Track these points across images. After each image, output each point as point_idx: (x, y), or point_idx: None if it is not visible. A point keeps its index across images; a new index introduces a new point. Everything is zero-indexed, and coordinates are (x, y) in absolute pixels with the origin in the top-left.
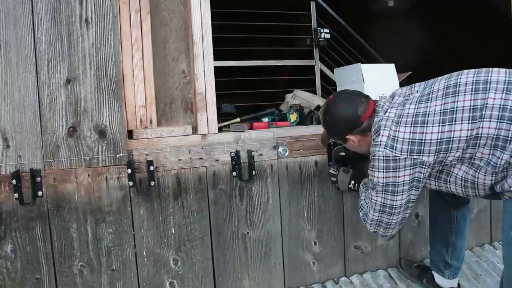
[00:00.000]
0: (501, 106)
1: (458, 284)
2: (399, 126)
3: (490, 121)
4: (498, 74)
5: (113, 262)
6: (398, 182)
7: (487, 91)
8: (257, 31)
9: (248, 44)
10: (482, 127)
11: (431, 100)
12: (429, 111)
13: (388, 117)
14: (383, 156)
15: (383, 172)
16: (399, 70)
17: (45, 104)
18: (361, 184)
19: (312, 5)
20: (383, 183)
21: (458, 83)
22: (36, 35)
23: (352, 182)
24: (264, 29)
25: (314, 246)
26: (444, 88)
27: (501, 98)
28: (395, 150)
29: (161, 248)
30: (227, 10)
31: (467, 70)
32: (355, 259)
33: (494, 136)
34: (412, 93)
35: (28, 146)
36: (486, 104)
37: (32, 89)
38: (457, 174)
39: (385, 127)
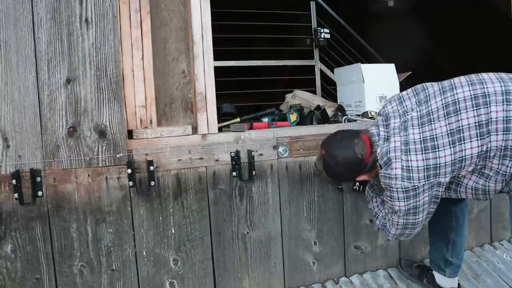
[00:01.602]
0: (505, 118)
1: (458, 284)
2: (410, 155)
3: (497, 134)
4: (493, 84)
5: (113, 262)
6: (419, 205)
7: (488, 105)
8: (257, 31)
9: (248, 44)
10: (490, 141)
11: (433, 121)
12: (436, 134)
13: (394, 147)
14: (402, 188)
15: (404, 201)
16: (399, 70)
17: (45, 104)
18: (367, 187)
19: (312, 5)
20: (405, 209)
21: (457, 100)
22: (36, 35)
23: (357, 184)
24: (264, 29)
25: (314, 246)
26: (443, 107)
27: (503, 110)
28: (413, 180)
29: (161, 248)
30: (227, 10)
31: (458, 80)
32: (355, 259)
33: (502, 147)
34: (406, 112)
35: (28, 146)
36: (490, 118)
37: (32, 89)
38: (467, 184)
39: (395, 158)
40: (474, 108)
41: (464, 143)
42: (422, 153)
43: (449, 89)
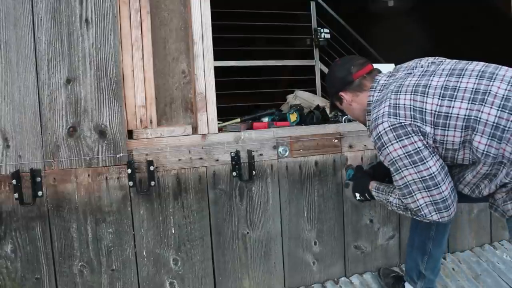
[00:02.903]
0: (505, 96)
1: None
2: (399, 94)
3: (491, 107)
4: (500, 85)
5: (113, 262)
6: (418, 148)
7: (492, 80)
8: (257, 31)
9: (248, 44)
10: (482, 112)
11: (434, 75)
12: (430, 84)
13: (390, 90)
14: (389, 126)
15: (397, 142)
16: None
17: (45, 104)
18: (371, 191)
19: (312, 5)
20: (404, 153)
21: (466, 68)
22: (36, 35)
23: (357, 194)
24: (264, 29)
25: (314, 246)
26: (450, 69)
27: (506, 89)
28: (399, 116)
29: (161, 248)
30: (227, 10)
31: (476, 62)
32: (355, 259)
33: (494, 124)
34: (416, 67)
35: (28, 146)
36: (490, 91)
37: (32, 89)
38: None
39: (387, 98)
40: (477, 78)
41: (454, 101)
42: (411, 94)
43: (465, 62)
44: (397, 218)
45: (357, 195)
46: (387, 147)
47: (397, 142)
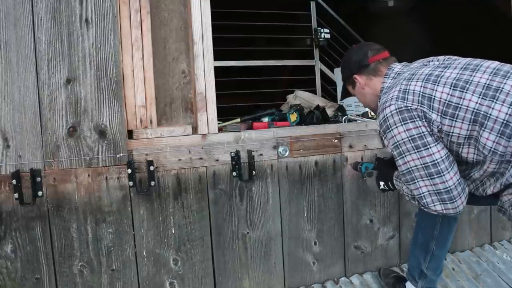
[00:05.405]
0: None
1: None
2: (411, 81)
3: (502, 104)
4: None
5: (113, 262)
6: (422, 133)
7: (506, 78)
8: (257, 31)
9: (248, 44)
10: (492, 108)
11: (449, 67)
12: (443, 75)
13: (403, 77)
14: (396, 109)
15: (402, 125)
16: None
17: (45, 104)
18: (393, 179)
19: (312, 5)
20: (407, 136)
21: (481, 64)
22: (36, 35)
23: (381, 183)
24: (264, 29)
25: (314, 246)
26: (465, 63)
27: None
28: (407, 101)
29: (161, 248)
30: (227, 10)
31: (492, 61)
32: (355, 259)
33: (504, 122)
34: (432, 61)
35: (28, 146)
36: (502, 88)
37: (32, 89)
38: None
39: (399, 84)
40: (491, 74)
41: (465, 92)
42: (422, 81)
43: (480, 60)
44: (397, 218)
45: (382, 183)
46: (392, 129)
47: (401, 125)
